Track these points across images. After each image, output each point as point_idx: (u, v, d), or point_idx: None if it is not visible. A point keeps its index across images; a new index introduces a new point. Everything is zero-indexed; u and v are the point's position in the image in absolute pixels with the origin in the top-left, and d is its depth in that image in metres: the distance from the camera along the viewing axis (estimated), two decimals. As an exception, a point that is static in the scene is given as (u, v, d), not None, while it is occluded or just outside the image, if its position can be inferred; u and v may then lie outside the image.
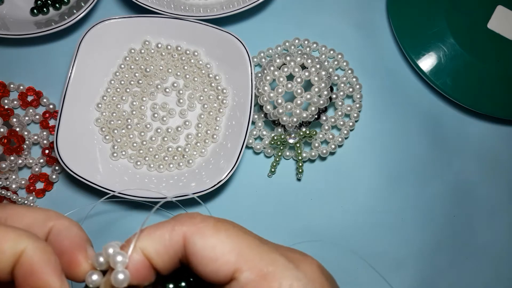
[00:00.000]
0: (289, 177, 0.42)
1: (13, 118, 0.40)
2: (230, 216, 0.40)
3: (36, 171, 0.40)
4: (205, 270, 0.20)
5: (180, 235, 0.20)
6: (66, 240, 0.20)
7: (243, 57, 0.40)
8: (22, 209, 0.21)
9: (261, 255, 0.20)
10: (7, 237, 0.19)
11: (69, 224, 0.21)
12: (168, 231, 0.20)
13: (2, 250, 0.19)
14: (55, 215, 0.21)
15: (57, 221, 0.21)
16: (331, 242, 0.39)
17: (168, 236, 0.20)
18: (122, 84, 0.43)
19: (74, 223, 0.21)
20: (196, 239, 0.20)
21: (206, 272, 0.20)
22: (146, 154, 0.41)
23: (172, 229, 0.20)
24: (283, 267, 0.20)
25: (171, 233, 0.20)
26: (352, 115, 0.42)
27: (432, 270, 0.40)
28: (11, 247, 0.19)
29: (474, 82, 0.43)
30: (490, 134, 0.44)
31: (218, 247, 0.20)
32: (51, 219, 0.21)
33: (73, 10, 0.44)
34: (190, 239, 0.20)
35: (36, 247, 0.19)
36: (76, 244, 0.20)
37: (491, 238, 0.41)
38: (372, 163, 0.42)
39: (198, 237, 0.20)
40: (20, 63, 0.44)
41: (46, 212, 0.21)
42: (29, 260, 0.19)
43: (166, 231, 0.20)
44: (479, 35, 0.44)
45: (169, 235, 0.20)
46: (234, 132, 0.40)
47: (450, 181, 0.42)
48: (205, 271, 0.20)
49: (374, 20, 0.46)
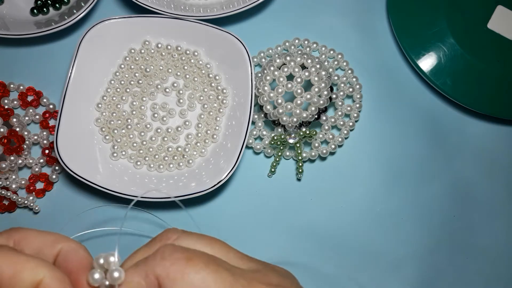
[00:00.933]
0: (289, 177, 0.42)
1: (13, 118, 0.40)
2: (230, 216, 0.40)
3: (36, 171, 0.40)
4: None
5: (154, 280, 0.21)
6: (73, 261, 0.22)
7: (243, 57, 0.40)
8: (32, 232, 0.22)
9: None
10: (26, 266, 0.20)
11: (75, 247, 0.22)
12: (143, 278, 0.21)
13: (22, 279, 0.19)
14: (63, 238, 0.23)
15: (65, 244, 0.22)
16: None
17: (144, 282, 0.21)
18: (122, 84, 0.43)
19: (80, 245, 0.23)
20: (167, 284, 0.21)
21: None
22: (146, 154, 0.41)
23: (146, 276, 0.21)
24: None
25: (146, 279, 0.21)
26: (352, 115, 0.42)
27: (432, 270, 0.40)
28: (30, 276, 0.20)
29: (474, 82, 0.43)
30: (490, 134, 0.44)
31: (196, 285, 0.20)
32: (59, 241, 0.22)
33: (73, 10, 0.44)
34: (162, 283, 0.21)
35: (53, 276, 0.20)
36: (82, 265, 0.22)
37: (490, 238, 0.41)
38: (372, 163, 0.42)
39: (168, 282, 0.21)
40: (20, 63, 0.44)
41: (55, 235, 0.23)
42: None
43: (142, 278, 0.21)
44: (479, 35, 0.44)
45: (144, 281, 0.21)
46: (234, 132, 0.40)
47: (450, 181, 0.42)
48: None
49: (374, 20, 0.46)
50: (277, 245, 0.40)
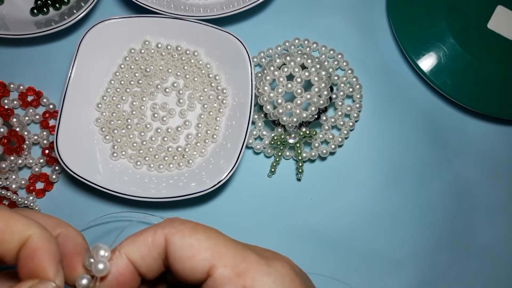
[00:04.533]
0: (289, 177, 0.42)
1: (13, 118, 0.40)
2: (230, 216, 0.40)
3: (36, 171, 0.40)
4: (183, 268, 0.21)
5: (162, 237, 0.22)
6: (70, 245, 0.23)
7: (243, 57, 0.40)
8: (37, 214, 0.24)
9: (235, 253, 0.22)
10: (19, 222, 0.21)
11: (75, 233, 0.23)
12: (151, 235, 0.22)
13: (12, 232, 0.21)
14: (64, 223, 0.24)
15: (65, 229, 0.23)
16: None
17: (151, 239, 0.22)
18: (122, 84, 0.43)
19: (79, 233, 0.24)
20: (175, 239, 0.21)
21: (184, 270, 0.21)
22: (146, 154, 0.41)
23: (154, 233, 0.22)
24: (256, 263, 0.21)
25: (153, 236, 0.22)
26: (352, 115, 0.42)
27: (432, 270, 0.40)
28: (21, 230, 0.21)
29: (474, 82, 0.43)
30: (490, 134, 0.44)
31: (195, 245, 0.21)
32: (60, 226, 0.24)
33: (73, 10, 0.44)
34: (170, 239, 0.22)
35: (42, 235, 0.21)
36: (77, 251, 0.22)
37: (491, 238, 0.41)
38: (372, 163, 0.42)
39: (178, 237, 0.22)
40: (20, 63, 0.44)
41: (57, 220, 0.24)
42: (33, 245, 0.21)
43: (149, 235, 0.22)
44: (479, 35, 0.44)
45: (151, 238, 0.22)
46: (234, 132, 0.40)
47: (450, 181, 0.42)
48: (183, 269, 0.21)
49: (374, 20, 0.46)
50: (277, 245, 0.40)
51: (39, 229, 0.21)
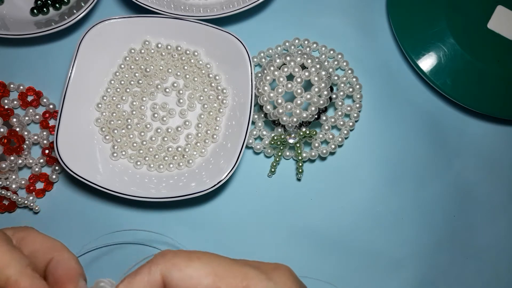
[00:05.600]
0: (289, 177, 0.42)
1: (13, 118, 0.40)
2: (230, 216, 0.40)
3: (36, 171, 0.40)
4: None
5: (158, 274, 0.21)
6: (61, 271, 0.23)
7: (243, 57, 0.40)
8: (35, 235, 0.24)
9: (234, 273, 0.21)
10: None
11: (68, 257, 0.24)
12: (146, 274, 0.21)
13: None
14: (60, 247, 0.24)
15: (59, 253, 0.24)
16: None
17: (147, 278, 0.21)
18: (122, 84, 0.43)
19: (73, 257, 0.24)
20: (173, 274, 0.21)
21: None
22: (146, 154, 0.41)
23: (149, 272, 0.21)
24: (256, 279, 0.21)
25: (148, 275, 0.21)
26: (352, 115, 0.42)
27: (432, 270, 0.40)
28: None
29: (474, 82, 0.43)
30: (490, 134, 0.44)
31: (194, 275, 0.21)
32: (55, 250, 0.24)
33: (73, 10, 0.44)
34: (167, 275, 0.21)
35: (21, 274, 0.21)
36: (69, 276, 0.23)
37: (491, 238, 0.41)
38: (372, 163, 0.42)
39: (175, 271, 0.21)
40: (20, 63, 0.44)
41: (54, 243, 0.24)
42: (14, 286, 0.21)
43: (144, 275, 0.21)
44: (479, 35, 0.44)
45: (147, 277, 0.21)
46: (234, 132, 0.40)
47: (450, 181, 0.42)
48: None
49: (374, 20, 0.46)
50: (277, 245, 0.40)
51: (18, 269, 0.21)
